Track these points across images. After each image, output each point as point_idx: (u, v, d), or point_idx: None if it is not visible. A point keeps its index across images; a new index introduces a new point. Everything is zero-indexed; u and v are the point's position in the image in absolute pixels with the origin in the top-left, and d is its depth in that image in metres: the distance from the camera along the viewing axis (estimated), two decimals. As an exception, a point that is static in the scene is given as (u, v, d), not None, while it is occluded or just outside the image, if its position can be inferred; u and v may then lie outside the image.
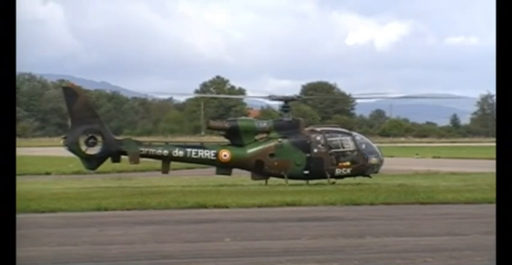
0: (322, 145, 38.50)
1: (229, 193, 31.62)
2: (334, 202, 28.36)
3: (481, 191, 31.68)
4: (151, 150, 38.22)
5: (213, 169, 39.52)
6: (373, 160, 39.23)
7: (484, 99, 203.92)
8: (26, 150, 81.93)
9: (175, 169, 56.01)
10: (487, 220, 21.68)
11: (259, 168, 38.34)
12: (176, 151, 38.28)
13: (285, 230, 20.94)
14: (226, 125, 39.18)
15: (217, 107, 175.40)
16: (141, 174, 51.06)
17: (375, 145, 41.05)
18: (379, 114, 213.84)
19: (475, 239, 19.15)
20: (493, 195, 27.23)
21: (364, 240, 18.87)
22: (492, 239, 14.16)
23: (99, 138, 37.07)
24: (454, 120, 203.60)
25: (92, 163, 38.09)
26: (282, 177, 38.44)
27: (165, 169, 39.25)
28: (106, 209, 26.69)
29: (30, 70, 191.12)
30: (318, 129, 40.22)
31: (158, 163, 60.55)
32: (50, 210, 26.19)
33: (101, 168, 55.51)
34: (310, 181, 38.84)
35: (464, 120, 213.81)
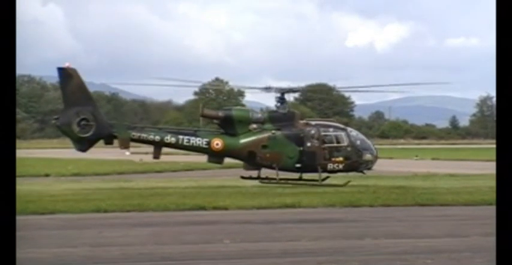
0: (316, 139, 38.16)
1: (229, 195, 31.62)
2: (334, 204, 28.38)
3: (480, 193, 31.70)
4: (143, 135, 37.89)
5: (213, 171, 39.45)
6: (367, 156, 38.92)
7: (483, 100, 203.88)
8: (26, 152, 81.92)
9: (174, 171, 56.11)
10: (487, 221, 21.70)
11: (251, 159, 38.07)
12: (168, 137, 37.97)
13: (284, 232, 20.94)
14: (221, 113, 38.94)
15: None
16: (140, 175, 51.05)
17: (369, 141, 40.89)
18: (378, 116, 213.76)
19: (474, 241, 19.15)
20: (492, 196, 27.26)
21: (363, 242, 18.88)
22: (492, 241, 14.17)
23: (92, 120, 36.81)
24: (453, 122, 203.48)
25: (83, 145, 37.77)
26: (273, 168, 38.23)
27: (156, 155, 38.97)
28: (105, 211, 26.69)
29: (29, 71, 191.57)
30: (313, 122, 39.76)
31: (157, 165, 60.81)
32: (49, 212, 26.19)
33: (100, 169, 55.77)
34: (310, 182, 38.77)
35: (464, 122, 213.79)
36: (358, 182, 39.76)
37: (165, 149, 39.14)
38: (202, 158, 69.88)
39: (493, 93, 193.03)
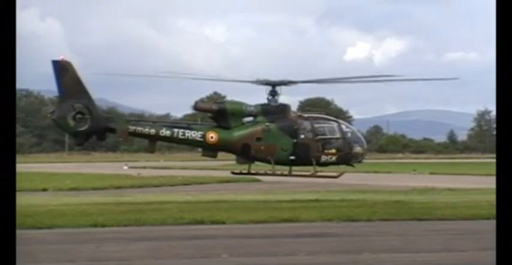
0: (309, 131, 37.96)
1: (226, 209, 31.60)
2: (332, 219, 28.35)
3: (478, 207, 31.69)
4: (139, 129, 37.54)
5: (211, 186, 39.32)
6: (358, 149, 38.71)
7: (481, 115, 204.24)
8: (23, 166, 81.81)
9: (171, 185, 56.04)
10: (485, 236, 21.70)
11: (245, 152, 37.83)
12: (163, 130, 37.65)
13: (282, 246, 20.92)
14: (214, 106, 38.70)
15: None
16: (138, 190, 51.01)
17: (360, 134, 40.80)
18: (376, 130, 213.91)
19: (472, 255, 19.14)
20: (490, 211, 27.25)
21: (361, 256, 18.85)
22: (489, 255, 14.16)
23: (87, 114, 36.62)
24: (451, 136, 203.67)
25: (79, 139, 37.71)
26: (267, 162, 38.03)
27: (151, 149, 38.78)
28: (103, 225, 26.65)
29: (27, 86, 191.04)
30: (305, 115, 39.64)
31: (155, 179, 60.78)
32: (47, 227, 26.15)
33: (98, 184, 55.70)
34: (307, 197, 38.68)
35: (462, 136, 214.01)
36: (356, 197, 39.74)
37: (162, 164, 39.02)
38: (200, 172, 69.78)
39: (490, 107, 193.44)
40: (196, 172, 74.78)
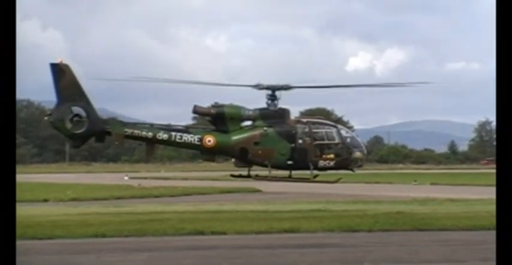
0: (307, 136, 37.93)
1: (227, 220, 31.58)
2: (332, 229, 28.34)
3: (479, 218, 31.66)
4: (136, 132, 37.36)
5: (211, 196, 39.25)
6: (357, 154, 38.55)
7: (482, 125, 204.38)
8: (24, 177, 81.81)
9: (172, 196, 56.03)
10: (486, 246, 21.67)
11: (243, 156, 37.72)
12: (161, 134, 37.49)
13: (283, 256, 20.90)
14: (213, 110, 38.60)
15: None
16: (138, 200, 50.98)
17: (359, 139, 40.70)
18: (377, 141, 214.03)
19: (473, 266, 19.13)
20: (491, 221, 27.22)
21: (362, 267, 18.84)
22: (491, 266, 14.11)
23: (85, 117, 36.58)
24: (452, 147, 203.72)
25: (76, 141, 37.71)
26: (265, 166, 38.00)
27: (148, 155, 38.54)
28: (104, 236, 26.63)
29: (28, 96, 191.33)
30: (304, 120, 39.58)
31: (156, 190, 60.73)
32: (47, 237, 26.13)
33: (98, 194, 55.69)
34: (308, 207, 38.63)
35: (463, 147, 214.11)
36: (357, 207, 39.71)
37: (163, 174, 38.94)
38: (201, 183, 69.75)
39: (491, 117, 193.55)
40: (197, 183, 74.75)
